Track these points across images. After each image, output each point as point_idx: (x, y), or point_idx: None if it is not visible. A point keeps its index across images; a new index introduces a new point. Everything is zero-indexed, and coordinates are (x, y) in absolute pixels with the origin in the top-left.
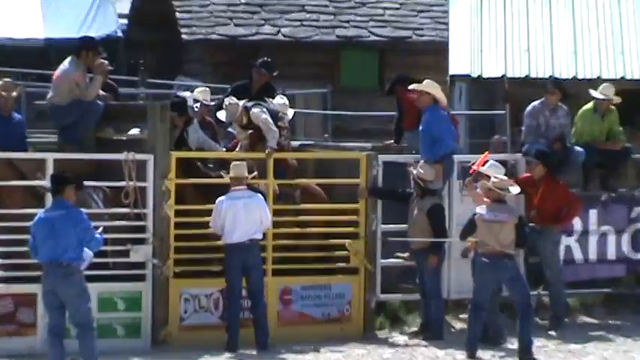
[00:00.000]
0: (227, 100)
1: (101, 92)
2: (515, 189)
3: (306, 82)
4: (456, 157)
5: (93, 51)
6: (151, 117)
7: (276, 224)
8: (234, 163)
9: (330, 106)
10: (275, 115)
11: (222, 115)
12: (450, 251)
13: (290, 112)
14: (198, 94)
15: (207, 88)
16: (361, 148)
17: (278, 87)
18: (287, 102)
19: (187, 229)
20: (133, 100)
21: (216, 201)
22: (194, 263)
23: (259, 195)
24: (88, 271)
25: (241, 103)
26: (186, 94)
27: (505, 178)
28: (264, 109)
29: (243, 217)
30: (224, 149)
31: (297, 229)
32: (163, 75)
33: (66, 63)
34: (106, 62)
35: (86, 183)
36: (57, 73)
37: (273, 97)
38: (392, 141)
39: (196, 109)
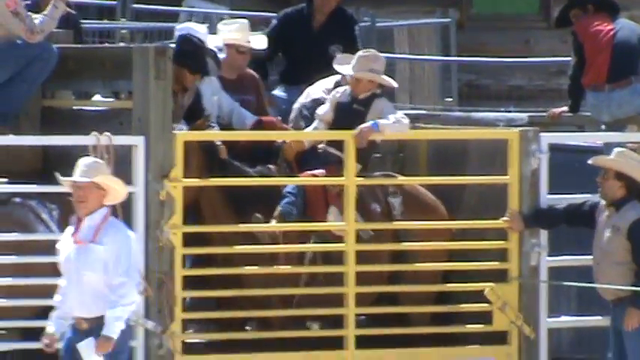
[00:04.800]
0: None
1: (54, 29)
2: None
3: (412, 5)
4: None
5: None
6: (140, 69)
7: (361, 257)
8: None
9: (456, 48)
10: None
11: (343, 66)
12: None
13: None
14: (227, 31)
15: (246, 21)
16: (510, 121)
17: (362, 16)
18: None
19: (207, 268)
20: (108, 40)
21: None
22: (220, 327)
23: None
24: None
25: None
26: (198, 28)
27: None
28: None
29: None
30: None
31: (396, 266)
32: None
33: None
34: None
35: (27, 188)
36: None
37: (351, 32)
38: (565, 107)
39: (222, 58)
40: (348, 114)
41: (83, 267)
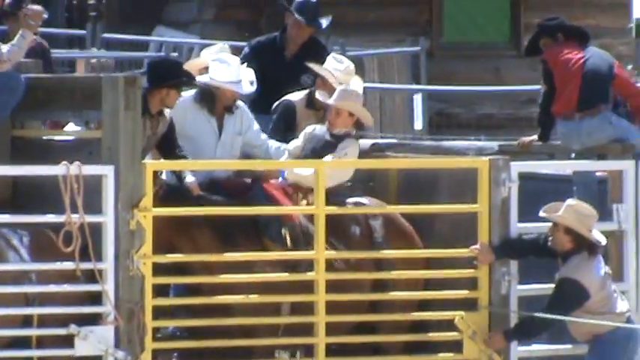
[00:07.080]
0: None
1: (23, 59)
2: None
3: (382, 34)
4: None
5: None
6: (109, 99)
7: (334, 286)
8: None
9: (426, 77)
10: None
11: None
12: None
13: (357, 85)
14: (208, 54)
15: (225, 45)
16: (480, 150)
17: (332, 45)
18: (351, 66)
19: (179, 297)
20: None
21: None
22: (191, 358)
23: None
24: None
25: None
26: (228, 59)
27: None
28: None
29: None
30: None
31: (369, 296)
32: (131, 26)
33: None
34: (39, 8)
35: None
36: None
37: (322, 62)
38: (535, 136)
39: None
40: (319, 142)
41: None
